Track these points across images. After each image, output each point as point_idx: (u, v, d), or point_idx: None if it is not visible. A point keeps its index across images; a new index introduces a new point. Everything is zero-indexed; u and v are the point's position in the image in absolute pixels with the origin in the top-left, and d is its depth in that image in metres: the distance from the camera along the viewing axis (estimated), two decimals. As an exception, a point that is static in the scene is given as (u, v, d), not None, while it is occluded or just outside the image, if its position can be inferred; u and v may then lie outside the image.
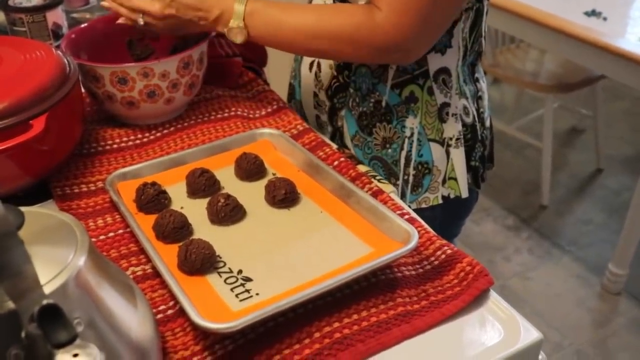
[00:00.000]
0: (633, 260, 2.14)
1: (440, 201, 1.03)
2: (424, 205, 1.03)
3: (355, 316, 0.68)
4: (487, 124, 1.09)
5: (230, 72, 1.15)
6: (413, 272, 0.74)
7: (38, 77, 0.84)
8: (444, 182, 1.03)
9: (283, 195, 0.81)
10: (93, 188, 0.88)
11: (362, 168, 0.93)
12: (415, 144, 1.00)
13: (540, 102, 2.69)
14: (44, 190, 0.87)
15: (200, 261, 0.70)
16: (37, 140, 0.78)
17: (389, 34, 0.85)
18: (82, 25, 1.06)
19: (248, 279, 0.70)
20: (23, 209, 0.52)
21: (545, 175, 2.57)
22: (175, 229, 0.75)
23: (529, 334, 0.68)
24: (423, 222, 0.82)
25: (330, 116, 1.06)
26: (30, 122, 0.79)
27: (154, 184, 0.82)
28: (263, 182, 0.85)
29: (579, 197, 2.69)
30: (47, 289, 0.47)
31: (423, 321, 0.68)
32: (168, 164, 0.90)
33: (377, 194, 0.85)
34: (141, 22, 0.96)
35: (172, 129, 1.00)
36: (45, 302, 0.43)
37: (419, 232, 0.74)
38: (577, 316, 2.13)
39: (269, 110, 1.07)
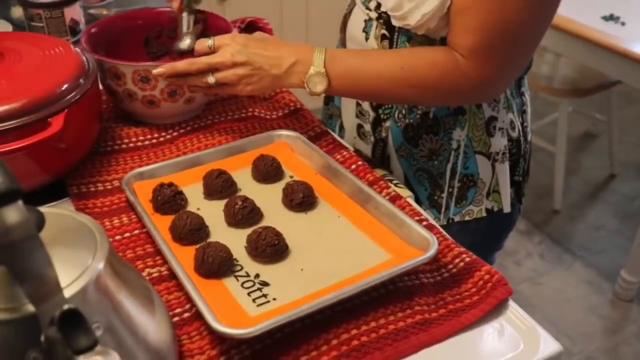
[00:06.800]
0: (646, 267, 2.12)
1: (484, 214, 1.02)
2: (467, 218, 1.02)
3: (373, 323, 0.67)
4: (529, 138, 1.07)
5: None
6: (431, 280, 0.73)
7: (57, 74, 0.83)
8: (488, 194, 1.01)
9: (301, 199, 0.80)
10: (109, 187, 0.87)
11: (379, 172, 0.93)
12: (461, 156, 0.98)
13: (554, 106, 2.66)
14: (59, 188, 0.87)
15: (218, 264, 0.69)
16: (55, 138, 0.77)
17: (473, 80, 0.84)
18: (102, 20, 1.06)
19: (265, 284, 0.69)
20: (42, 209, 0.52)
21: (558, 179, 2.55)
22: (192, 231, 0.75)
23: (549, 346, 0.67)
24: (441, 229, 0.81)
25: (374, 126, 1.03)
26: (49, 120, 0.78)
27: (170, 184, 0.82)
28: (280, 185, 0.85)
29: (591, 202, 2.66)
30: (66, 293, 0.47)
31: (441, 330, 0.67)
32: (185, 164, 0.89)
33: (394, 199, 0.84)
34: (212, 80, 0.88)
35: (188, 128, 1.00)
36: (66, 306, 0.43)
37: (437, 239, 0.73)
38: (588, 323, 2.12)
39: (286, 111, 1.06)
